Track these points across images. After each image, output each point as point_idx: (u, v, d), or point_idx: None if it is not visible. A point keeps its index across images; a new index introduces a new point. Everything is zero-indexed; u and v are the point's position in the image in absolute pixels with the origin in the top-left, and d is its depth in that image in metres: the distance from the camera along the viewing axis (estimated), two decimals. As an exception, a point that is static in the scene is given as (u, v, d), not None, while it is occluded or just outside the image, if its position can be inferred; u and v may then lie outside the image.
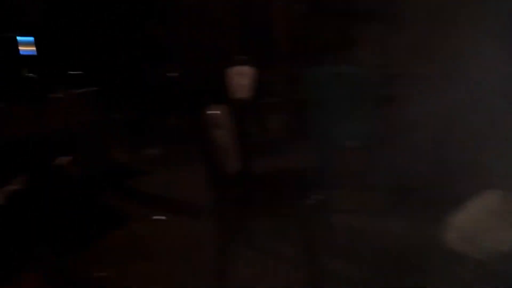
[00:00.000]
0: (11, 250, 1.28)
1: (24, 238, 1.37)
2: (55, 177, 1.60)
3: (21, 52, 2.93)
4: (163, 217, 2.76)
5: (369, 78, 2.71)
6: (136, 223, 2.68)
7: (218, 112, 1.93)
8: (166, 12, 4.18)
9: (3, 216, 1.37)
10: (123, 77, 4.09)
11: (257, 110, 3.97)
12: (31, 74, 3.02)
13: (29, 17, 3.55)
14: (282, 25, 4.71)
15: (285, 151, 3.67)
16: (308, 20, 4.53)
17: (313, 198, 1.86)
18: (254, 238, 2.23)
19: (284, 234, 2.21)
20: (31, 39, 3.10)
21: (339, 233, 2.17)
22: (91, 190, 2.03)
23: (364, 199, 2.66)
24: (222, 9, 4.58)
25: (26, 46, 2.98)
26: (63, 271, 1.74)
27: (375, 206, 2.53)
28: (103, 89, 3.70)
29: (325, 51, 3.98)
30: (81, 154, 1.88)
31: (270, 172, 2.38)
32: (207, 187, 2.37)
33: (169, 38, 3.98)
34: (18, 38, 2.91)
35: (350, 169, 2.61)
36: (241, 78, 3.90)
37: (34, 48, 3.06)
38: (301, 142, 3.45)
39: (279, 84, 4.53)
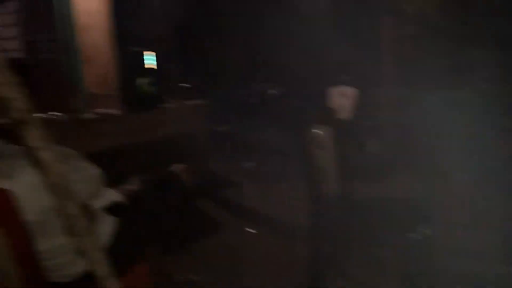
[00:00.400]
0: (127, 244, 1.39)
1: (137, 234, 1.49)
2: (169, 182, 1.72)
3: (145, 65, 3.26)
4: (254, 231, 2.82)
5: (489, 104, 2.47)
6: (229, 232, 2.77)
7: (321, 132, 1.91)
8: (274, 31, 4.33)
9: (120, 213, 1.49)
10: (229, 92, 4.31)
11: (359, 132, 3.87)
12: (148, 86, 3.34)
13: (153, 34, 3.95)
14: (389, 46, 4.55)
15: (386, 177, 3.50)
16: (417, 41, 4.32)
17: (419, 232, 1.72)
18: (347, 266, 2.14)
19: (382, 268, 2.09)
20: (153, 53, 3.42)
21: (446, 276, 1.99)
22: (194, 198, 2.14)
23: (478, 238, 2.40)
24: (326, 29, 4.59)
25: (149, 60, 3.31)
26: (165, 270, 1.86)
27: (492, 249, 2.27)
28: (211, 103, 3.94)
29: (435, 74, 3.75)
30: (192, 163, 2.00)
31: (370, 199, 2.28)
32: (303, 206, 2.36)
33: (274, 56, 4.09)
34: (144, 52, 3.24)
35: (460, 203, 2.39)
36: (343, 98, 3.84)
37: (154, 62, 3.38)
38: (404, 169, 3.27)
39: (383, 106, 4.36)
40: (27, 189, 1.06)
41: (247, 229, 2.84)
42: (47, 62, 3.82)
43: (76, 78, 3.93)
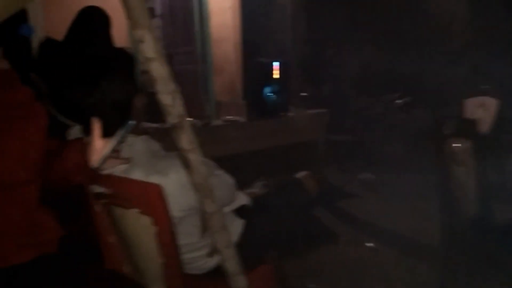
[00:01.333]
0: (253, 245, 1.45)
1: (261, 237, 1.54)
2: (294, 188, 1.75)
3: (270, 75, 3.39)
4: (373, 245, 2.70)
5: None
6: (346, 244, 2.71)
7: (459, 145, 1.75)
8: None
9: (248, 215, 1.56)
10: (350, 101, 4.24)
11: (499, 147, 3.44)
12: (272, 94, 3.47)
13: (278, 45, 4.11)
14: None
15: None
16: None
17: None
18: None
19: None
20: (277, 63, 3.54)
21: None
22: (314, 206, 2.15)
23: None
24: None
25: (274, 70, 3.43)
26: (283, 274, 1.90)
27: None
28: (331, 112, 3.92)
29: None
30: (312, 171, 2.00)
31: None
32: (429, 224, 2.19)
33: (402, 63, 3.89)
34: (270, 62, 3.38)
35: None
36: (482, 110, 3.45)
37: (278, 72, 3.50)
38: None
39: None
40: (176, 187, 1.18)
41: (366, 244, 2.73)
42: (184, 72, 4.24)
43: (208, 87, 4.29)
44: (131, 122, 1.19)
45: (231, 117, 3.38)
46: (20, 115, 1.04)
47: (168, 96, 1.00)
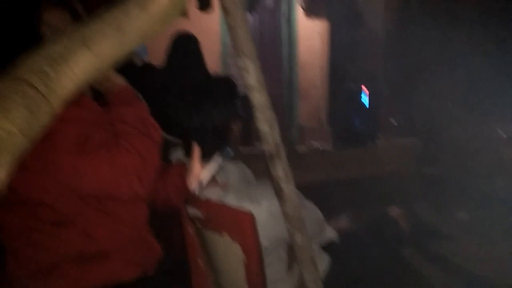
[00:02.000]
0: (339, 282, 1.37)
1: (348, 274, 1.46)
2: (386, 225, 1.64)
3: (358, 102, 3.30)
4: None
5: None
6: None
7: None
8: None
9: (334, 251, 1.49)
10: (444, 132, 3.95)
11: None
12: (360, 122, 3.36)
13: (366, 71, 4.00)
14: None
15: None
16: None
17: None
18: None
19: None
20: (366, 89, 3.44)
21: None
22: (405, 245, 1.99)
23: None
24: None
25: (362, 96, 3.34)
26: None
27: None
28: (423, 141, 3.68)
29: None
30: (400, 205, 1.87)
31: None
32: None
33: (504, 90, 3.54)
34: (358, 89, 3.30)
35: None
36: None
37: (367, 99, 3.39)
38: None
39: None
40: (267, 216, 1.16)
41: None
42: (269, 96, 4.31)
43: (292, 112, 4.30)
44: (230, 149, 1.21)
45: (316, 143, 3.33)
46: (139, 131, 1.08)
47: (266, 124, 0.99)
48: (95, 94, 1.17)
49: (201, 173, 1.21)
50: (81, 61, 0.59)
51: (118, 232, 1.12)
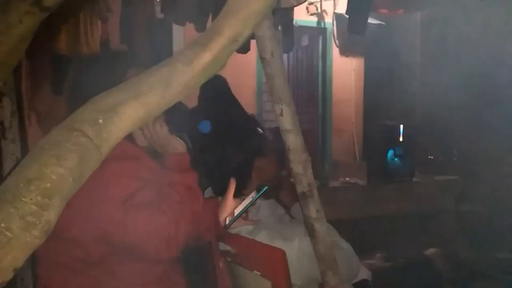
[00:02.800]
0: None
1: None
2: (423, 267, 1.60)
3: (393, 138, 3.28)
4: None
5: None
6: None
7: None
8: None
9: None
10: (482, 169, 3.81)
11: None
12: (396, 158, 3.32)
13: (401, 107, 3.98)
14: None
15: None
16: None
17: None
18: None
19: None
20: (402, 126, 3.40)
21: None
22: None
23: None
24: None
25: (397, 132, 3.31)
26: None
27: None
28: (461, 179, 3.57)
29: None
30: (439, 245, 1.82)
31: None
32: None
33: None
34: (393, 125, 3.28)
35: None
36: None
37: (403, 135, 3.36)
38: None
39: None
40: (299, 254, 1.18)
41: None
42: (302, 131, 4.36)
43: (326, 147, 4.31)
44: (265, 187, 1.25)
45: (350, 179, 3.31)
46: (183, 199, 1.13)
47: (300, 166, 1.03)
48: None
49: (233, 207, 1.25)
50: (130, 112, 0.66)
51: (143, 272, 1.16)
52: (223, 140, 1.33)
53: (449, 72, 3.97)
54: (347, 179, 3.22)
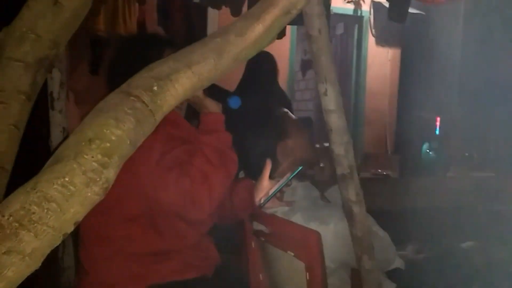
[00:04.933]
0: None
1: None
2: (457, 260, 1.57)
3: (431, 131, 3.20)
4: None
5: None
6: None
7: None
8: None
9: (398, 278, 1.45)
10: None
11: None
12: (430, 152, 3.23)
13: (437, 99, 3.86)
14: None
15: None
16: None
17: None
18: None
19: None
20: (437, 119, 3.32)
21: None
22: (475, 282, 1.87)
23: None
24: None
25: (433, 125, 3.23)
26: None
27: None
28: (497, 176, 3.45)
29: None
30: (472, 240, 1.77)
31: None
32: None
33: None
34: (430, 118, 3.20)
35: None
36: None
37: (438, 128, 3.27)
38: None
39: None
40: (334, 237, 1.17)
41: None
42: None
43: (357, 138, 4.25)
44: (300, 168, 1.25)
45: (382, 170, 3.25)
46: (215, 160, 1.15)
47: (341, 147, 1.02)
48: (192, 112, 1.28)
49: (268, 188, 1.26)
50: (183, 80, 0.67)
51: (183, 234, 1.22)
52: (253, 119, 1.34)
53: (491, 66, 3.82)
54: (379, 170, 3.17)
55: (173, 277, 1.22)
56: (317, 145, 1.83)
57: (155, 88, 0.65)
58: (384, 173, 3.16)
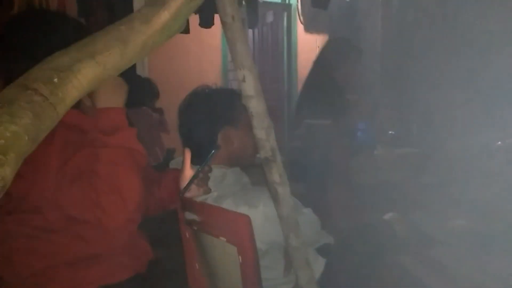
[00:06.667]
0: (332, 285, 1.41)
1: (342, 277, 1.50)
2: (382, 230, 1.69)
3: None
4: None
5: None
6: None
7: None
8: None
9: (329, 253, 1.53)
10: (440, 142, 3.99)
11: None
12: (360, 132, 3.42)
13: (366, 82, 4.07)
14: None
15: None
16: None
17: None
18: None
19: None
20: (363, 101, 3.50)
21: None
22: (398, 251, 2.02)
23: None
24: None
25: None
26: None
27: None
28: (422, 152, 3.72)
29: None
30: (398, 213, 1.91)
31: None
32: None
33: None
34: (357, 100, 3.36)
35: None
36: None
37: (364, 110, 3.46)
38: None
39: None
40: (264, 219, 1.21)
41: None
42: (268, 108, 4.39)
43: (291, 123, 4.35)
44: (213, 152, 1.26)
45: (315, 153, 3.39)
46: (122, 158, 1.06)
47: (263, 131, 1.05)
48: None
49: (190, 176, 1.26)
50: (86, 71, 0.65)
51: (110, 236, 1.16)
52: (188, 109, 1.34)
53: (410, 50, 4.08)
54: (312, 153, 3.30)
55: (105, 281, 1.18)
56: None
57: (56, 80, 0.62)
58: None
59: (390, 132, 4.10)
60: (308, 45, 4.62)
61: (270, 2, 4.34)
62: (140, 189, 1.08)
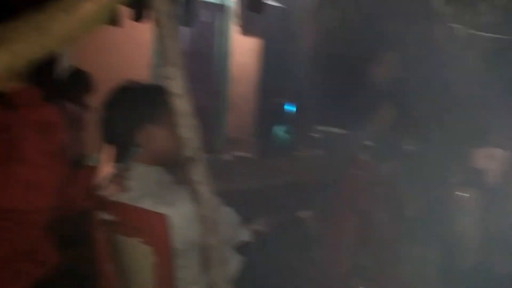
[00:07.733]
0: (249, 282, 1.44)
1: (258, 275, 1.54)
2: (294, 228, 1.77)
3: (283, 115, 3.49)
4: None
5: None
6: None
7: (465, 194, 1.76)
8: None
9: (247, 252, 1.56)
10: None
11: (507, 199, 3.39)
12: (284, 134, 3.54)
13: (295, 86, 4.20)
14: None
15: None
16: None
17: None
18: None
19: None
20: (288, 104, 3.63)
21: None
22: (313, 247, 2.13)
23: None
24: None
25: (288, 110, 3.52)
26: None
27: None
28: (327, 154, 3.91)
29: None
30: (315, 211, 2.02)
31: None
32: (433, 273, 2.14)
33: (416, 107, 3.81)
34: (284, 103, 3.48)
35: None
36: (491, 161, 3.42)
37: (294, 112, 3.59)
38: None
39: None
40: (182, 219, 1.19)
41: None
42: (199, 108, 4.36)
43: (220, 123, 4.38)
44: (133, 150, 1.23)
45: (241, 153, 3.44)
46: (41, 137, 1.04)
47: (188, 130, 1.05)
48: None
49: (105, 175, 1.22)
50: (-2, 58, 0.62)
51: (8, 242, 1.08)
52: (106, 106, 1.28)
53: (340, 56, 4.25)
54: (238, 153, 3.36)
55: None
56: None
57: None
58: (244, 155, 3.36)
59: (312, 134, 4.28)
60: (243, 47, 4.67)
61: (207, 2, 4.32)
62: (60, 167, 1.06)
